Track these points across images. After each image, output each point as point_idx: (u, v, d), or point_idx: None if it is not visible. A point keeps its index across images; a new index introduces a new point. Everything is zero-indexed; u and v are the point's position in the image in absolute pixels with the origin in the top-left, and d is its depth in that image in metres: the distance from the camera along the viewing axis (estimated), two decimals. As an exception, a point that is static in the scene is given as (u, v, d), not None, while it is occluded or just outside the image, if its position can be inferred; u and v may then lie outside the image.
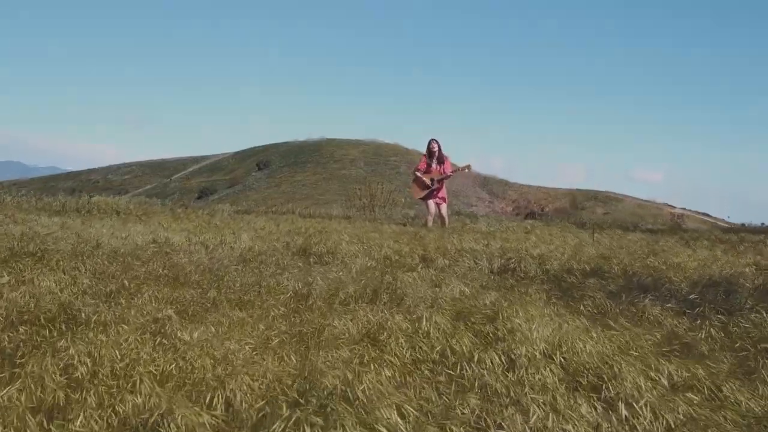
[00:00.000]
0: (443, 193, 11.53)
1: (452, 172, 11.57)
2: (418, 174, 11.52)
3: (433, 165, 11.47)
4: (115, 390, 2.42)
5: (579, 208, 48.87)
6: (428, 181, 11.41)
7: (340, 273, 4.82)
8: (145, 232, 7.40)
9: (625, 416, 2.51)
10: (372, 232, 9.18)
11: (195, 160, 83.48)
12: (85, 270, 4.36)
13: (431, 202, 11.42)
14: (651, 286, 4.94)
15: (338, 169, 60.79)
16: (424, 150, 11.71)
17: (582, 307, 4.16)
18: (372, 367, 2.74)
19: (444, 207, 11.49)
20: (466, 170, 11.77)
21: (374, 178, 39.61)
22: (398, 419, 2.32)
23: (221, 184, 67.34)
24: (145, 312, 3.33)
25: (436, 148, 11.45)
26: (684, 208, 47.07)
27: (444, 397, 2.57)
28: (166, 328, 3.04)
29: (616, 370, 2.84)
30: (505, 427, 2.35)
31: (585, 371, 2.87)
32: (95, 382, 2.49)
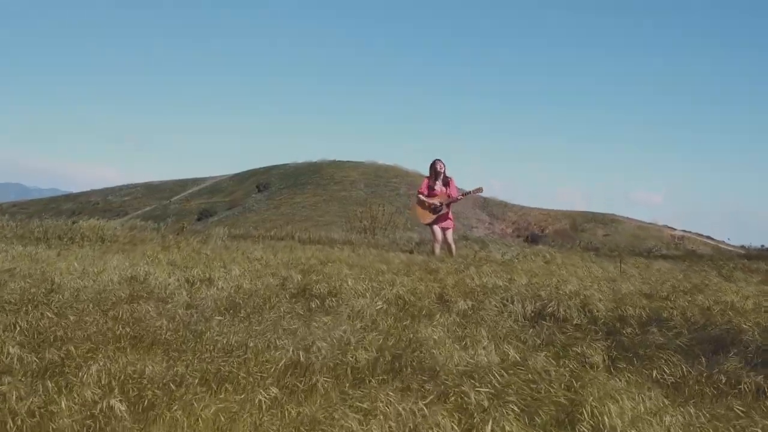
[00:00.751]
0: (449, 217, 10.60)
1: (462, 195, 10.64)
2: (422, 197, 10.60)
3: (437, 187, 10.55)
4: None
5: (579, 230, 47.92)
6: (437, 204, 10.48)
7: (347, 326, 3.85)
8: (125, 266, 6.45)
9: None
10: (378, 262, 8.23)
11: (195, 181, 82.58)
12: (23, 328, 3.41)
13: (437, 228, 10.48)
14: (726, 339, 4.00)
15: (338, 190, 59.89)
16: (424, 171, 10.81)
17: (656, 374, 3.22)
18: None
19: (450, 233, 10.55)
20: (478, 193, 10.81)
21: (374, 200, 38.74)
22: None
23: (221, 206, 66.40)
24: (82, 400, 2.38)
25: (442, 169, 10.54)
26: (684, 230, 46.11)
27: None
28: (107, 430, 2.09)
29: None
30: None
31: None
32: None
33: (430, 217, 10.55)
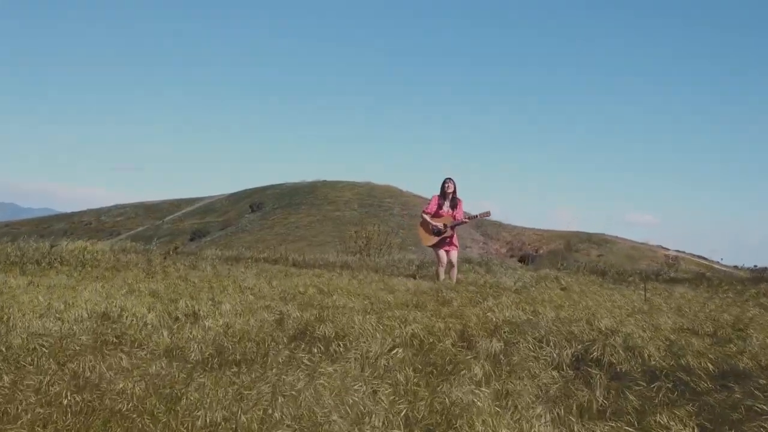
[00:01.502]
0: (454, 239, 9.84)
1: (468, 218, 9.86)
2: (426, 217, 9.83)
3: (445, 208, 9.79)
4: None
5: (573, 251, 47.19)
6: (441, 227, 9.71)
7: (361, 384, 3.04)
8: (100, 299, 5.63)
9: None
10: (383, 291, 7.44)
11: (188, 201, 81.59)
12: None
13: (442, 252, 9.70)
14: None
15: (332, 210, 59.10)
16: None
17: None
18: None
19: (454, 254, 9.78)
20: (485, 217, 10.03)
21: (369, 220, 38.02)
22: None
23: (214, 226, 65.44)
24: None
25: (452, 189, 9.78)
26: (678, 251, 45.45)
27: None
28: None
29: None
30: None
31: None
32: None
33: (433, 240, 9.79)
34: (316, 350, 3.84)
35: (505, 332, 4.72)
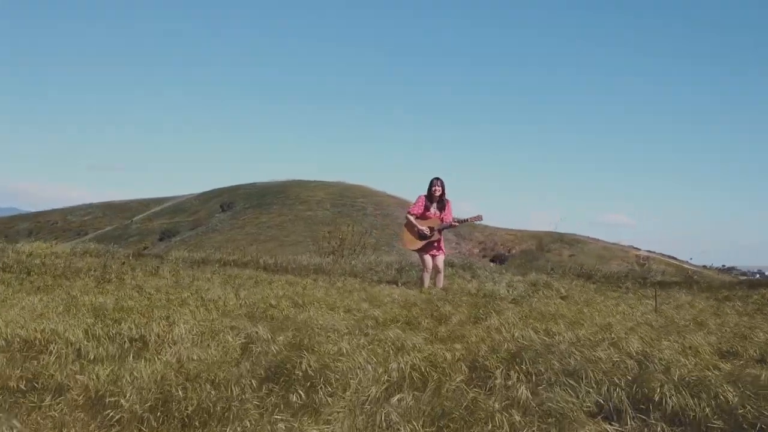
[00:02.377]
0: (441, 243, 8.94)
1: (457, 222, 8.95)
2: (411, 218, 8.91)
3: (432, 210, 8.88)
4: None
5: (545, 251, 46.81)
6: (426, 230, 8.80)
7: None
8: (29, 318, 4.59)
9: None
10: (365, 302, 6.51)
11: (157, 201, 79.59)
12: None
13: (427, 257, 8.80)
14: None
15: (304, 210, 57.95)
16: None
17: None
18: None
19: (441, 259, 8.89)
20: (477, 221, 9.14)
21: (342, 220, 37.04)
22: None
23: (184, 226, 63.77)
24: None
25: (440, 191, 8.87)
26: (649, 251, 45.34)
27: None
28: None
29: None
30: None
31: None
32: None
33: (417, 244, 8.87)
34: (294, 397, 2.89)
35: (521, 360, 3.82)
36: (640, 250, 45.25)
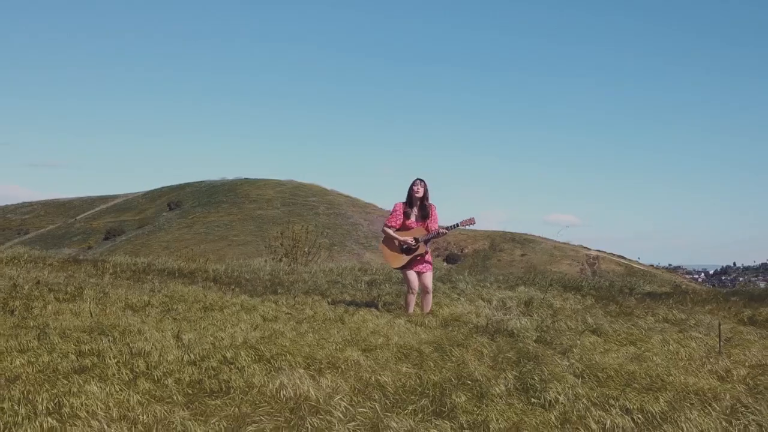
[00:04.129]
0: (428, 257, 7.20)
1: (446, 229, 7.17)
2: (390, 231, 7.12)
3: (413, 218, 7.11)
4: None
5: (498, 250, 45.86)
6: (411, 242, 7.04)
7: None
8: None
9: None
10: (350, 345, 4.74)
11: (103, 199, 75.50)
12: None
13: (412, 274, 7.02)
14: None
15: (254, 209, 55.51)
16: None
17: None
18: None
19: (429, 277, 7.11)
20: (469, 225, 7.41)
21: (292, 219, 35.02)
22: None
23: (130, 225, 60.38)
24: None
25: (421, 193, 7.10)
26: (599, 250, 44.96)
27: None
28: None
29: None
30: None
31: None
32: None
33: (401, 260, 7.09)
34: None
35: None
36: (590, 249, 44.83)
